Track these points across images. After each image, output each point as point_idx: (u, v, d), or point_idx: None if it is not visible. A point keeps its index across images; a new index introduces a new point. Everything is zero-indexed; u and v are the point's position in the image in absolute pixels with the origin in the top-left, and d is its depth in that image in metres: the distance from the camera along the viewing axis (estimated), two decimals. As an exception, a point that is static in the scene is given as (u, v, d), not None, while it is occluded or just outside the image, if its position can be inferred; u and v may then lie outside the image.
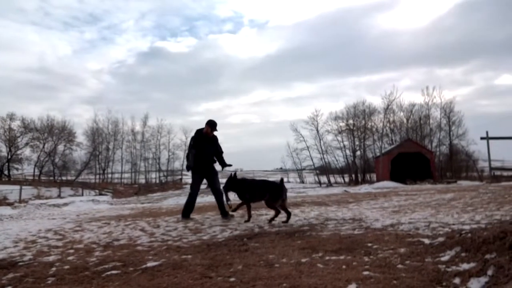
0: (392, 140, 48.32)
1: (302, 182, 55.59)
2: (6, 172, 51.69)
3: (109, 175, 57.38)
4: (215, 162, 7.07)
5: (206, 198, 25.72)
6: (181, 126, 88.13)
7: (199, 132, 7.03)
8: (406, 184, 27.42)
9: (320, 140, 52.24)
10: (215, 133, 7.11)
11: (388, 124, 48.60)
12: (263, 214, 7.07)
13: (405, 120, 48.71)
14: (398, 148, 36.39)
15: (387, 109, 46.37)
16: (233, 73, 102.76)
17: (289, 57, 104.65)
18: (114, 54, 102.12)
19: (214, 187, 6.96)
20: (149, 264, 3.19)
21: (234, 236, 4.59)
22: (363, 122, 49.36)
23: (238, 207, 6.52)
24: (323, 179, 51.66)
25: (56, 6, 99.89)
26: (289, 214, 6.04)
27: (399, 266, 2.75)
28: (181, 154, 59.01)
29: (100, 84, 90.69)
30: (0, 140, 51.97)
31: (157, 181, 55.56)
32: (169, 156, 59.41)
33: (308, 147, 53.29)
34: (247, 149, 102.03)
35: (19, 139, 52.71)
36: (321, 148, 52.45)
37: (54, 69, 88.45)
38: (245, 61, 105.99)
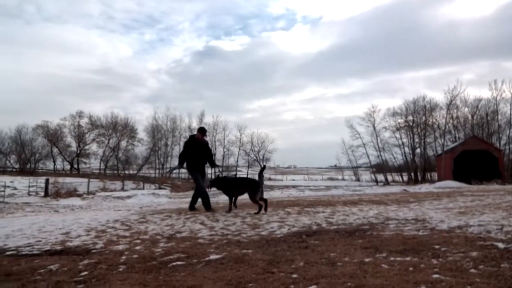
0: (455, 137, 45.63)
1: (358, 180, 54.33)
2: (75, 166, 55.58)
3: (168, 170, 59.68)
4: (206, 163, 8.11)
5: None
6: (236, 123, 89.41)
7: (192, 137, 8.12)
8: (471, 184, 25.83)
9: (377, 137, 50.64)
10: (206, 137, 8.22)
11: (451, 121, 45.96)
12: (319, 211, 6.99)
13: (470, 116, 45.78)
14: (462, 145, 34.34)
15: (450, 104, 43.73)
16: (286, 70, 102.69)
17: (341, 52, 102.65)
18: (171, 54, 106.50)
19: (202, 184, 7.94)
20: (212, 257, 3.27)
21: (292, 232, 4.58)
22: (424, 118, 47.07)
23: (230, 205, 7.51)
24: (380, 177, 50.08)
25: (118, 10, 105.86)
26: (260, 207, 6.89)
27: (472, 270, 2.59)
28: (236, 150, 60.04)
29: (158, 83, 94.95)
30: (71, 136, 56.09)
31: (213, 177, 56.87)
32: (224, 152, 60.62)
33: (364, 144, 51.87)
34: (300, 146, 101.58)
35: (86, 135, 56.57)
36: (378, 145, 50.82)
37: (116, 70, 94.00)
38: (298, 58, 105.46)
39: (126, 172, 54.94)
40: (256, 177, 7.51)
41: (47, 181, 27.90)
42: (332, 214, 6.53)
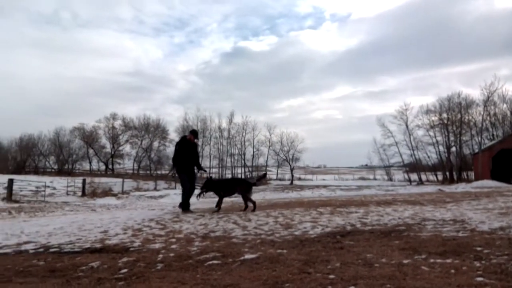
0: (493, 135, 43.73)
1: (390, 179, 53.11)
2: (110, 166, 57.28)
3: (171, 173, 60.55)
4: (194, 165, 8.40)
5: (291, 194, 25.90)
6: (265, 123, 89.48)
7: (183, 138, 8.48)
8: (510, 183, 24.72)
9: (410, 135, 49.31)
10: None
11: (488, 118, 44.06)
12: (352, 211, 6.89)
13: (508, 113, 43.75)
14: (500, 143, 32.89)
15: (487, 101, 41.86)
16: (315, 69, 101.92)
17: (371, 50, 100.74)
18: (200, 56, 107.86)
19: (192, 185, 8.23)
20: (247, 256, 3.29)
21: (326, 233, 4.54)
22: (459, 115, 45.39)
23: (219, 204, 7.98)
24: (413, 176, 48.77)
25: (149, 14, 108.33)
26: (247, 206, 7.62)
27: (519, 274, 2.48)
28: (266, 150, 60.10)
29: (188, 84, 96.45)
30: (105, 137, 57.88)
31: (243, 177, 57.22)
32: (253, 152, 60.84)
33: (396, 143, 50.65)
34: (330, 145, 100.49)
35: (120, 137, 58.22)
36: (411, 143, 49.47)
37: (147, 72, 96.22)
38: (326, 57, 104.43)
39: (158, 172, 56.11)
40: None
41: (84, 181, 28.92)
42: (366, 214, 6.42)
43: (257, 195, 26.64)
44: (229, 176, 54.82)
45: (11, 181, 23.14)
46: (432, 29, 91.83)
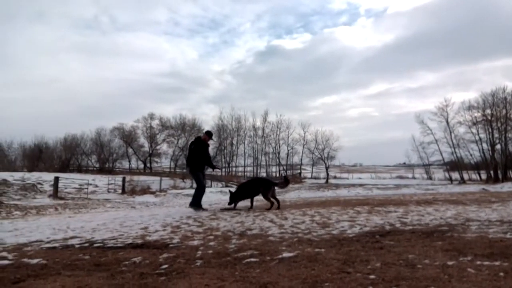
0: (542, 131, 41.30)
1: (430, 178, 51.40)
2: (148, 165, 58.91)
3: (234, 168, 61.12)
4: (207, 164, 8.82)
5: (327, 193, 25.63)
6: (299, 121, 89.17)
7: (198, 139, 8.78)
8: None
9: (450, 132, 47.45)
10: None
11: (536, 113, 41.66)
12: (391, 211, 6.72)
13: (559, 108, 41.20)
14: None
15: (535, 95, 39.56)
16: (350, 66, 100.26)
17: (408, 45, 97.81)
18: (234, 55, 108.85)
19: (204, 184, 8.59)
20: (285, 254, 3.28)
21: (364, 232, 4.46)
22: (504, 111, 43.12)
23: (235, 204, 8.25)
24: (455, 175, 46.90)
25: (184, 16, 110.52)
26: (272, 204, 7.85)
27: None
28: (300, 148, 59.75)
29: (222, 84, 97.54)
30: (143, 137, 59.59)
31: (277, 175, 57.22)
32: (288, 150, 60.70)
33: (436, 140, 48.94)
34: (366, 143, 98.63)
35: (158, 136, 59.72)
36: (452, 141, 47.60)
37: (183, 73, 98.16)
38: (361, 53, 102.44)
39: (195, 170, 56.94)
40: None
41: (123, 179, 29.90)
42: (406, 214, 6.25)
43: (292, 194, 26.58)
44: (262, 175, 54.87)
45: (56, 179, 24.30)
46: (473, 21, 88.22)
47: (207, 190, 11.05)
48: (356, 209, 7.14)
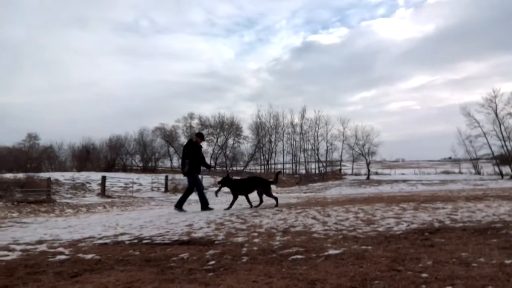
0: None
1: (478, 173, 48.95)
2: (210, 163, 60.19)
3: (272, 166, 61.16)
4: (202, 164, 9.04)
5: (369, 189, 25.10)
6: (338, 116, 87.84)
7: (191, 142, 8.99)
8: None
9: (500, 124, 44.84)
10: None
11: None
12: (439, 207, 6.47)
13: None
14: None
15: None
16: (389, 58, 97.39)
17: (450, 35, 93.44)
18: (270, 53, 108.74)
19: (191, 186, 8.78)
20: (331, 252, 3.25)
21: (412, 229, 4.32)
22: (560, 101, 40.29)
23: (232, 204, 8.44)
24: (505, 169, 44.37)
25: (220, 16, 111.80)
26: (261, 202, 8.33)
27: None
28: (339, 144, 58.85)
29: (259, 82, 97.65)
30: (184, 136, 60.84)
31: (317, 172, 56.67)
32: (327, 147, 59.93)
33: (484, 133, 46.40)
34: (408, 138, 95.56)
35: (198, 135, 60.66)
36: (501, 134, 44.98)
37: (220, 72, 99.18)
38: (401, 45, 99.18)
39: (234, 168, 57.70)
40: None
41: (166, 178, 30.74)
42: (455, 210, 5.99)
43: (333, 190, 26.27)
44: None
45: (104, 178, 25.38)
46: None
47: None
48: (401, 205, 6.93)
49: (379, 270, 2.60)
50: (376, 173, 54.57)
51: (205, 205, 8.48)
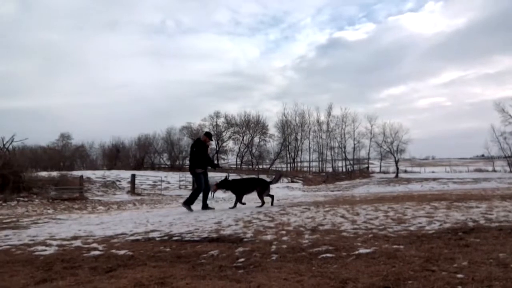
0: None
1: (514, 171, 47.15)
2: (215, 162, 60.79)
3: (299, 164, 60.96)
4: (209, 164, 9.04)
5: (398, 188, 24.63)
6: (366, 114, 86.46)
7: (199, 140, 9.02)
8: None
9: (538, 120, 42.99)
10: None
11: None
12: (473, 206, 6.27)
13: None
14: None
15: None
16: (417, 54, 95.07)
17: (482, 28, 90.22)
18: (295, 51, 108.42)
19: (206, 184, 8.73)
20: (361, 250, 3.20)
21: (445, 229, 4.21)
22: None
23: (236, 203, 8.54)
24: (543, 167, 42.56)
25: (245, 15, 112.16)
26: (264, 203, 8.31)
27: None
28: (367, 142, 57.96)
29: (284, 80, 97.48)
30: (210, 135, 61.58)
31: (344, 170, 56.03)
32: (354, 144, 59.13)
33: (520, 129, 44.57)
34: (438, 135, 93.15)
35: (224, 134, 61.42)
36: (539, 130, 43.11)
37: (245, 71, 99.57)
38: (430, 40, 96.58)
39: (260, 166, 57.84)
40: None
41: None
42: (490, 209, 5.79)
43: (361, 189, 25.92)
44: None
45: (133, 177, 25.98)
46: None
47: (274, 186, 11.14)
48: (432, 204, 6.77)
49: (412, 270, 2.55)
50: (405, 171, 53.44)
51: (188, 203, 8.46)
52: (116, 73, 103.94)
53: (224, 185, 8.80)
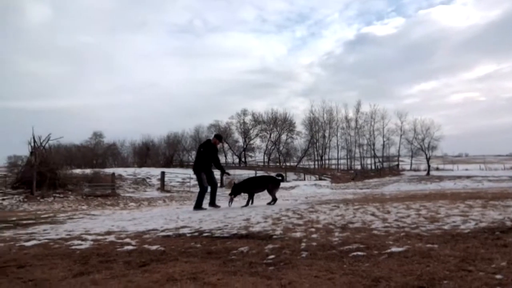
0: None
1: (554, 168, 44.97)
2: (243, 159, 61.13)
3: (326, 161, 60.36)
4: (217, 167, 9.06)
5: (430, 186, 24.00)
6: (395, 110, 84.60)
7: (209, 142, 9.03)
8: None
9: None
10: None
11: None
12: (510, 205, 6.03)
13: None
14: None
15: None
16: (449, 48, 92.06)
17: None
18: (322, 47, 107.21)
19: (213, 181, 8.87)
20: (393, 249, 3.15)
21: (481, 228, 4.07)
22: None
23: (249, 201, 8.74)
24: None
25: (271, 12, 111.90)
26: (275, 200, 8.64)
27: None
28: (397, 139, 56.69)
29: (311, 76, 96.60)
30: (237, 132, 61.96)
31: (373, 167, 55.08)
32: (384, 141, 57.97)
33: (562, 125, 42.41)
34: (472, 131, 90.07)
35: (251, 131, 61.62)
36: None
37: (272, 69, 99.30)
38: (463, 33, 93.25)
39: (287, 164, 57.65)
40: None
41: (221, 174, 31.34)
42: (529, 208, 5.55)
43: (391, 187, 25.40)
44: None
45: (163, 174, 26.48)
46: None
47: (302, 183, 11.09)
48: (467, 203, 6.55)
49: (447, 270, 2.48)
50: (437, 169, 51.93)
51: (197, 206, 8.44)
52: (146, 73, 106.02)
53: (237, 189, 8.89)
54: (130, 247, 3.99)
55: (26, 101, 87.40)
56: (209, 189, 8.75)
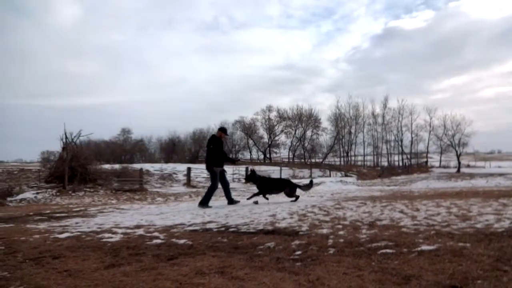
0: None
1: None
2: (268, 155, 61.17)
3: (352, 158, 59.61)
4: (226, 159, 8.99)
5: (460, 183, 23.31)
6: (424, 105, 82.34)
7: (214, 137, 8.82)
8: None
9: None
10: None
11: None
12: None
13: None
14: None
15: None
16: (481, 41, 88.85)
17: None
18: (348, 42, 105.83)
19: (224, 180, 8.81)
20: (424, 247, 3.08)
21: (516, 227, 3.92)
22: None
23: (253, 197, 8.61)
24: None
25: (296, 8, 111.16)
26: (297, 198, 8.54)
27: None
28: (426, 135, 55.34)
29: (337, 72, 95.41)
30: (262, 128, 62.04)
31: (400, 164, 53.98)
32: (412, 138, 56.71)
33: None
34: (506, 127, 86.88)
35: (276, 127, 61.57)
36: None
37: (297, 64, 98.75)
38: (496, 25, 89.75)
39: (312, 160, 57.31)
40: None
41: (246, 169, 31.50)
42: None
43: (419, 184, 24.83)
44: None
45: (189, 170, 26.84)
46: None
47: (327, 180, 10.99)
48: (500, 201, 6.32)
49: (481, 269, 2.41)
50: (468, 166, 50.44)
51: (204, 202, 8.35)
52: (173, 70, 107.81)
53: (252, 178, 8.85)
54: (158, 241, 4.07)
55: (57, 99, 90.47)
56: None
